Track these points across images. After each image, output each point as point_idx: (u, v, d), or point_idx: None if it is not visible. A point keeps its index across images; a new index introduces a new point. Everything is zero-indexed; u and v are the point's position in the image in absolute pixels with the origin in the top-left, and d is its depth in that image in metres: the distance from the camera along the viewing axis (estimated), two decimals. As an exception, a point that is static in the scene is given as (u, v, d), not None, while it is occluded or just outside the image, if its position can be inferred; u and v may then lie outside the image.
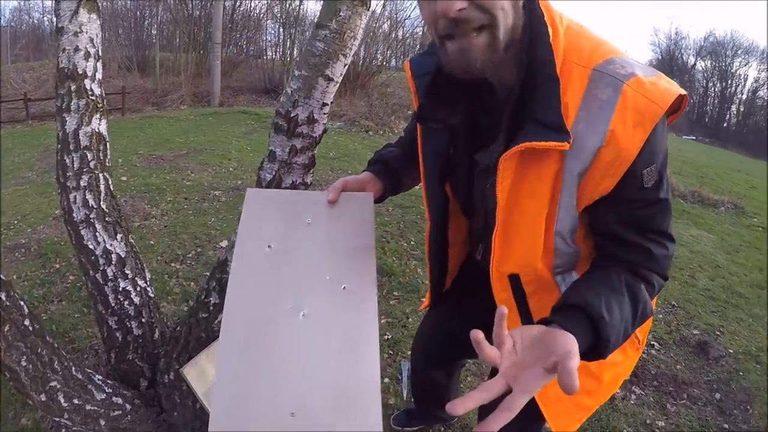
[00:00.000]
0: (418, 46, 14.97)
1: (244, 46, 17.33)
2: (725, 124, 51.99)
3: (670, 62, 54.28)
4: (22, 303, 1.15)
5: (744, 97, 50.96)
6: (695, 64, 53.29)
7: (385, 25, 15.04)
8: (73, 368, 1.28)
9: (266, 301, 0.80)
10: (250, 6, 17.56)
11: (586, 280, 0.78)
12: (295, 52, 15.27)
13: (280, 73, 14.97)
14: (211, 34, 13.64)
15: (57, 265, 3.05)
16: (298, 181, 1.32)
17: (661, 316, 3.16)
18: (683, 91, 0.71)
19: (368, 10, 1.20)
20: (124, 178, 4.99)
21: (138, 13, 17.63)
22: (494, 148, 0.78)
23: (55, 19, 1.64)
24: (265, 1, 17.46)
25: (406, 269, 3.20)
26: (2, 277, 1.13)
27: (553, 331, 0.63)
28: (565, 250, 0.81)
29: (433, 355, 1.43)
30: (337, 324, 0.78)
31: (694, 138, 42.12)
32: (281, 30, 16.91)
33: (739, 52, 50.16)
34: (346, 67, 1.25)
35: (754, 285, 4.10)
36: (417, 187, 1.07)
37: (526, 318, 0.90)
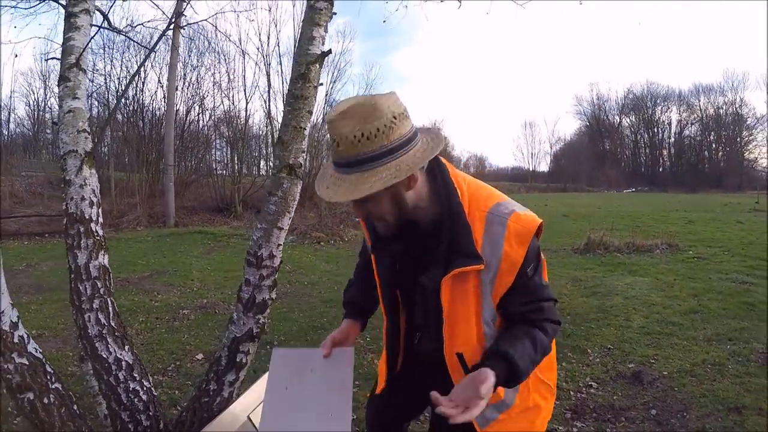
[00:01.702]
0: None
1: (194, 165, 18.01)
2: (660, 169, 55.26)
3: (597, 126, 58.29)
4: (70, 393, 1.49)
5: (672, 140, 54.77)
6: (621, 121, 57.69)
7: (328, 135, 16.07)
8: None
9: (288, 419, 1.27)
10: (199, 126, 18.48)
11: (500, 336, 1.19)
12: (244, 169, 16.02)
13: (231, 191, 15.58)
14: (164, 155, 14.25)
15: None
16: (266, 297, 1.93)
17: (598, 359, 3.58)
18: (540, 221, 1.15)
19: (301, 181, 1.88)
20: (94, 304, 5.19)
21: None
22: (435, 272, 1.16)
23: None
24: (212, 121, 18.48)
25: (363, 361, 3.56)
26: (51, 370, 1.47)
27: (479, 370, 1.06)
28: (490, 333, 1.21)
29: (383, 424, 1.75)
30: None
31: (633, 190, 44.47)
32: (229, 149, 17.82)
33: (658, 101, 54.75)
34: (291, 218, 1.91)
35: (688, 311, 4.61)
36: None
37: None
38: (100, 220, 2.06)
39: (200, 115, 18.16)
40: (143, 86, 16.38)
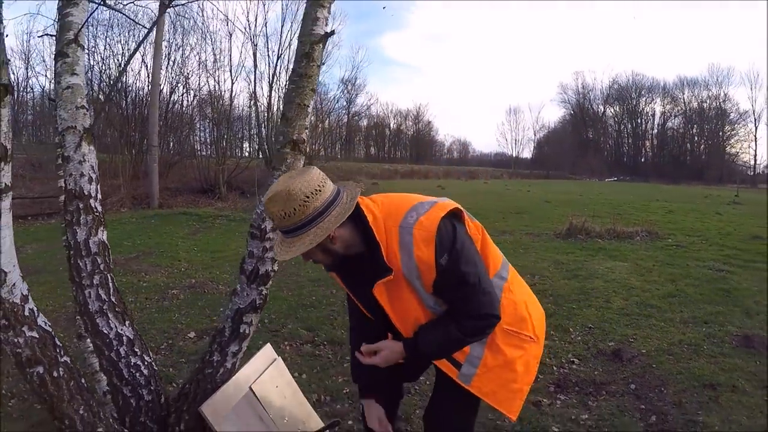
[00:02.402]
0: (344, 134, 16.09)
1: (177, 146, 17.74)
2: (643, 160, 56.30)
3: (581, 114, 58.94)
4: (78, 367, 1.52)
5: (655, 131, 55.88)
6: (605, 111, 58.43)
7: (312, 117, 16.00)
8: (111, 419, 1.63)
9: None
10: (183, 106, 18.19)
11: (432, 319, 1.46)
12: (228, 151, 15.86)
13: (215, 172, 15.46)
14: (148, 136, 14.05)
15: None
16: (269, 269, 1.98)
17: (579, 337, 3.71)
18: (453, 205, 1.40)
19: (304, 157, 1.89)
20: (81, 285, 5.17)
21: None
22: (368, 288, 1.42)
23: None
24: (196, 101, 18.20)
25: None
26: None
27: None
28: (439, 311, 1.45)
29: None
30: None
31: (615, 179, 44.98)
32: (214, 129, 17.62)
33: (642, 92, 55.52)
34: None
35: (666, 295, 4.77)
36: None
37: None
38: (99, 196, 2.07)
39: (184, 95, 17.91)
40: (126, 66, 16.06)
